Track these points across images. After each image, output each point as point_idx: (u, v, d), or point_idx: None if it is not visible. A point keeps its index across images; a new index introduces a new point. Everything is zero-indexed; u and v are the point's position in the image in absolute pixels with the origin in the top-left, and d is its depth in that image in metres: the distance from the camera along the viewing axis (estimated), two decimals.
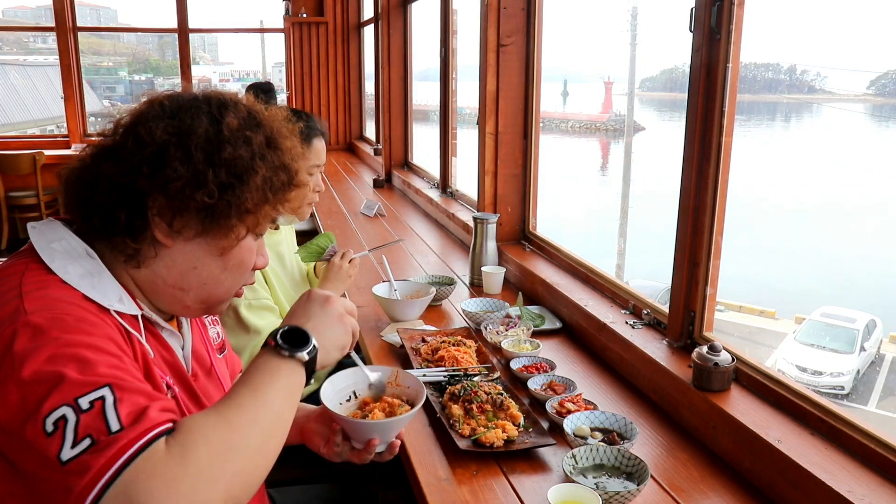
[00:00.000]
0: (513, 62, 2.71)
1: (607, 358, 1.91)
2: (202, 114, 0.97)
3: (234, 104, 1.01)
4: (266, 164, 0.99)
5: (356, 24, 7.08)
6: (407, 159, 5.12)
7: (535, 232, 2.78)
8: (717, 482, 1.36)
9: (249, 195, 0.97)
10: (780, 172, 19.05)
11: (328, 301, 1.05)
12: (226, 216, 0.97)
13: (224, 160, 0.95)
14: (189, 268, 1.00)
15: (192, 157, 0.94)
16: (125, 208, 0.94)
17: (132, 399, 0.80)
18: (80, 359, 0.81)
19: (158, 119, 0.95)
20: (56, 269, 0.92)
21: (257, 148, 0.98)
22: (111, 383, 0.80)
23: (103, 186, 0.95)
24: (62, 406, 0.77)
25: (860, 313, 10.93)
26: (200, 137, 0.95)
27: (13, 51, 20.90)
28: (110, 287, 0.95)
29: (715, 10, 1.55)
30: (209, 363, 1.16)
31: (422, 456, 1.43)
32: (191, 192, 0.94)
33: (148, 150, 0.93)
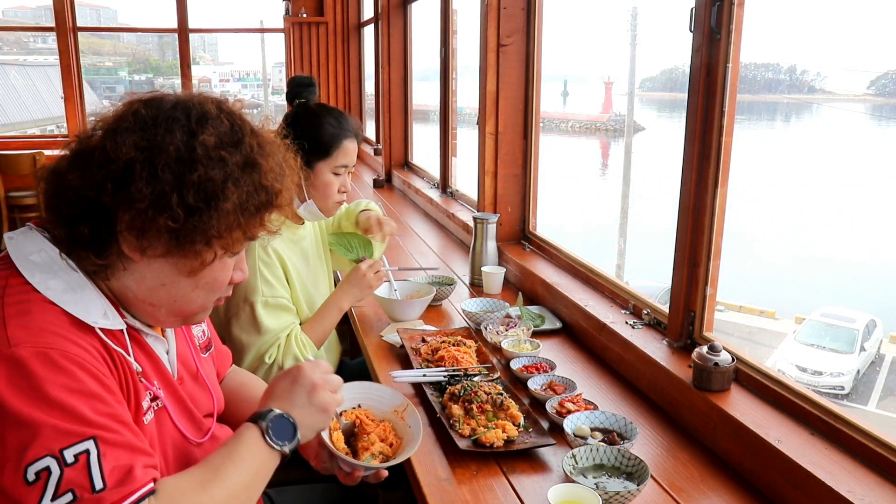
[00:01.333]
0: (513, 62, 2.71)
1: (607, 358, 1.91)
2: (178, 128, 0.91)
3: (216, 116, 0.95)
4: (239, 188, 0.94)
5: (356, 24, 7.08)
6: (407, 159, 5.12)
7: (535, 232, 2.77)
8: (717, 482, 1.36)
9: (217, 221, 0.92)
10: (779, 172, 19.04)
11: (315, 390, 1.05)
12: (191, 241, 0.92)
13: (193, 182, 0.90)
14: (158, 284, 0.97)
15: (159, 177, 0.89)
16: (89, 223, 0.91)
17: (116, 455, 0.80)
18: (65, 405, 0.80)
19: (129, 132, 0.90)
20: (37, 284, 0.89)
21: (232, 169, 0.93)
22: (96, 436, 0.79)
23: (69, 197, 0.91)
24: (46, 457, 0.76)
25: (860, 313, 10.92)
26: (171, 156, 0.90)
27: (13, 51, 20.91)
28: (93, 301, 0.93)
29: (715, 10, 1.55)
30: (194, 366, 1.16)
31: (422, 456, 1.43)
32: (153, 215, 0.89)
33: (113, 166, 0.89)
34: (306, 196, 1.95)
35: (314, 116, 1.96)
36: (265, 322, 1.84)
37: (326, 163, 1.94)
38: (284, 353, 1.86)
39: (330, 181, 1.95)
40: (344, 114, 2.02)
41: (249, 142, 0.96)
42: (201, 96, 0.98)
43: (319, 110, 1.98)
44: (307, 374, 1.06)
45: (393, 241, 3.30)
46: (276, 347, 1.85)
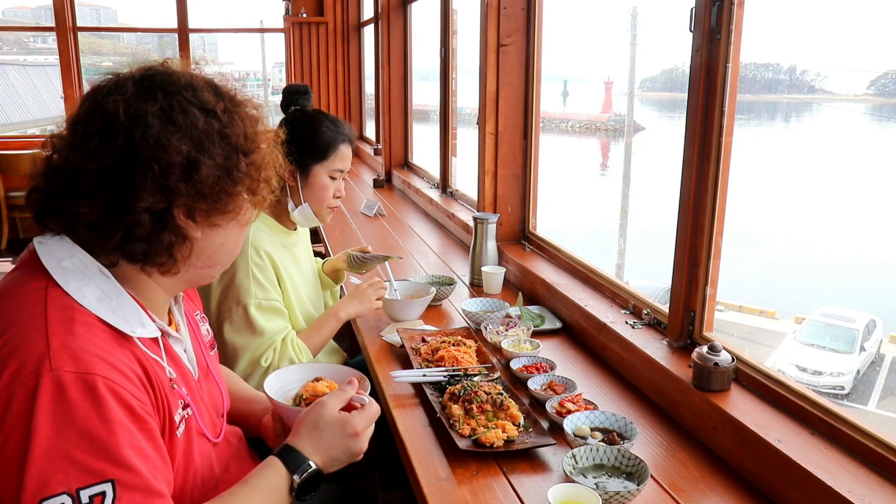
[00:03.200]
0: (513, 62, 2.71)
1: (607, 358, 1.91)
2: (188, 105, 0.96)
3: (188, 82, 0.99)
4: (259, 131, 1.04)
5: (356, 24, 7.08)
6: (407, 159, 5.12)
7: (535, 232, 2.77)
8: (717, 482, 1.36)
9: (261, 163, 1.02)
10: (779, 172, 19.05)
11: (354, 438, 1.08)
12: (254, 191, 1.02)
13: (237, 146, 0.98)
14: (218, 246, 1.03)
15: (216, 155, 0.96)
16: (167, 230, 0.95)
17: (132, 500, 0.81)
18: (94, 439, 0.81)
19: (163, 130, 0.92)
20: (72, 292, 0.90)
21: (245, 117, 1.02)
22: (115, 479, 0.80)
23: (143, 220, 0.92)
24: (63, 494, 0.77)
25: (860, 313, 10.93)
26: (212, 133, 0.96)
27: (13, 51, 20.92)
28: (129, 309, 0.94)
29: (715, 10, 1.55)
30: (205, 363, 1.17)
31: (422, 456, 1.43)
32: (230, 186, 0.97)
33: (178, 168, 0.92)
34: (302, 199, 1.96)
35: (311, 121, 1.99)
36: (260, 324, 1.83)
37: (323, 165, 1.96)
38: (280, 356, 1.85)
39: (326, 184, 1.97)
40: (340, 120, 2.05)
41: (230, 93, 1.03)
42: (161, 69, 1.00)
43: (317, 115, 2.02)
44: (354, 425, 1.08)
45: (392, 240, 3.30)
46: (272, 351, 1.84)
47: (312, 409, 1.09)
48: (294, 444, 1.05)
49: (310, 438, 1.06)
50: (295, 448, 1.04)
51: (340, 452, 1.07)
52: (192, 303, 1.25)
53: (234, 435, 1.23)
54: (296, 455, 1.03)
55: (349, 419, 1.08)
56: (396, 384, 1.74)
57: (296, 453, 1.04)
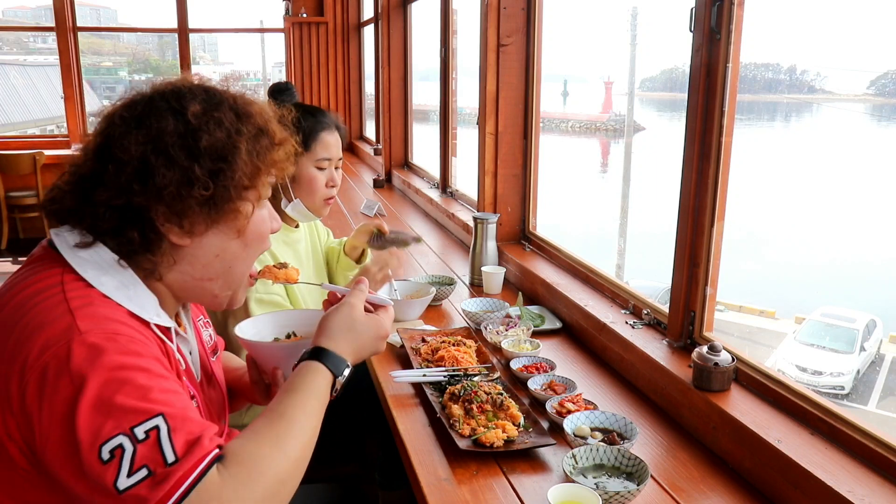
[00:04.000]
0: (513, 62, 2.71)
1: (607, 358, 1.91)
2: (164, 112, 0.95)
3: (188, 90, 0.99)
4: (244, 136, 0.99)
5: (356, 24, 7.08)
6: (407, 159, 5.12)
7: (535, 232, 2.78)
8: (717, 482, 1.36)
9: (241, 171, 0.98)
10: (779, 172, 19.05)
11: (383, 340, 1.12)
12: (227, 200, 0.98)
13: (204, 149, 0.95)
14: (212, 257, 1.02)
15: (173, 157, 0.93)
16: (134, 227, 0.95)
17: (185, 428, 0.83)
18: (135, 384, 0.82)
19: (126, 134, 0.94)
20: (91, 279, 0.91)
21: (230, 124, 0.98)
22: (164, 412, 0.82)
23: (103, 213, 0.94)
24: (119, 435, 0.79)
25: (860, 313, 10.93)
26: (173, 136, 0.94)
27: (13, 51, 20.91)
28: (146, 299, 0.96)
29: (715, 10, 1.55)
30: (209, 368, 1.18)
31: (422, 456, 1.44)
32: (187, 192, 0.94)
33: (129, 167, 0.93)
34: (292, 195, 1.95)
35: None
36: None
37: (307, 157, 1.94)
38: None
39: (313, 175, 1.95)
40: (321, 109, 2.02)
41: (229, 97, 1.02)
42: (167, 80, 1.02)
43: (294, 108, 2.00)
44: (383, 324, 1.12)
45: None
46: None
47: (341, 311, 1.09)
48: (330, 346, 1.05)
49: (346, 339, 1.07)
50: (332, 350, 1.04)
51: (368, 352, 1.11)
52: (196, 308, 1.25)
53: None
54: (334, 357, 1.03)
55: (381, 321, 1.12)
56: (396, 384, 1.74)
57: (333, 355, 1.03)
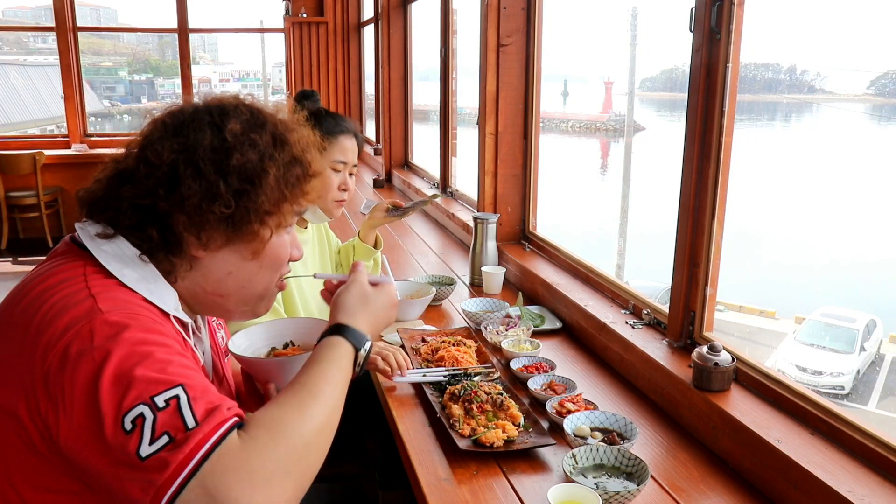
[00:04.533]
0: (513, 62, 2.71)
1: (607, 358, 1.91)
2: (205, 125, 0.97)
3: (234, 108, 1.01)
4: (276, 163, 0.99)
5: (356, 24, 7.08)
6: (407, 159, 5.12)
7: (535, 232, 2.78)
8: (717, 482, 1.36)
9: (265, 197, 0.98)
10: (780, 172, 19.04)
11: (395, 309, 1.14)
12: (247, 222, 0.98)
13: (234, 167, 0.96)
14: (224, 274, 1.02)
15: (202, 171, 0.95)
16: (154, 226, 0.96)
17: (205, 398, 0.83)
18: (155, 357, 0.84)
19: (163, 139, 0.96)
20: (114, 270, 0.93)
21: (265, 148, 0.99)
22: (183, 383, 0.83)
23: (126, 209, 0.96)
24: (140, 405, 0.80)
25: (860, 313, 10.92)
26: (206, 150, 0.96)
27: (13, 51, 20.91)
28: (167, 294, 0.97)
29: (715, 10, 1.55)
30: (221, 369, 1.18)
31: (422, 456, 1.44)
32: (208, 206, 0.95)
33: (159, 171, 0.95)
34: None
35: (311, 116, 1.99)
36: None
37: (323, 157, 1.95)
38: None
39: (328, 175, 1.97)
40: (343, 116, 2.06)
41: (272, 122, 1.03)
42: (217, 96, 1.04)
43: (317, 112, 2.04)
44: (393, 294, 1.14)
45: (393, 241, 3.30)
46: None
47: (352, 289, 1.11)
48: (348, 321, 1.05)
49: (363, 314, 1.08)
50: (351, 325, 1.05)
51: (383, 323, 1.12)
52: None
53: None
54: (354, 332, 1.04)
55: (389, 290, 1.14)
56: (396, 384, 1.74)
57: (354, 330, 1.04)
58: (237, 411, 0.85)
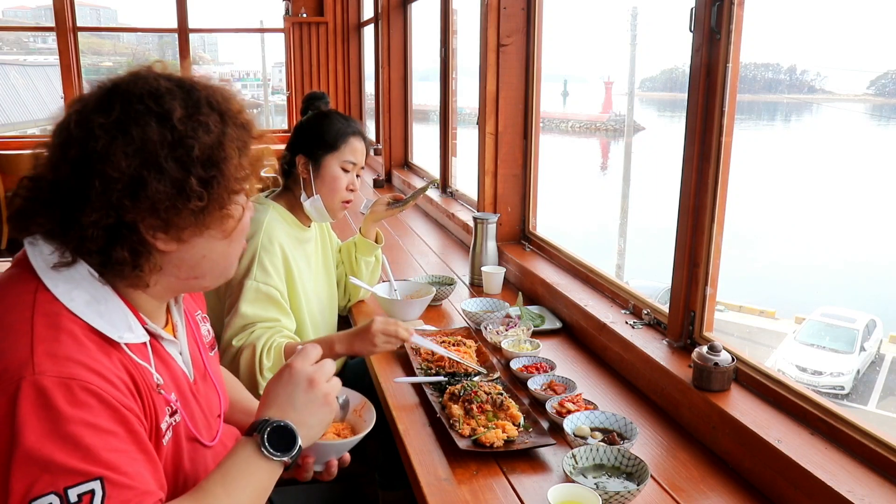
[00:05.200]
0: (513, 62, 2.71)
1: (607, 358, 1.91)
2: (146, 117, 0.90)
3: (164, 89, 0.93)
4: (230, 138, 0.95)
5: (356, 24, 7.08)
6: (407, 159, 5.12)
7: (535, 232, 2.78)
8: (717, 482, 1.36)
9: (232, 177, 0.95)
10: (779, 172, 19.05)
11: (312, 385, 1.03)
12: (219, 207, 0.95)
13: (196, 158, 0.91)
14: (199, 259, 0.99)
15: (166, 170, 0.89)
16: (124, 245, 0.91)
17: (122, 496, 0.80)
18: (79, 441, 0.80)
19: (109, 146, 0.88)
20: (60, 295, 0.89)
21: (215, 126, 0.94)
22: (104, 476, 0.79)
23: (92, 234, 0.89)
24: (50, 494, 0.76)
25: (860, 313, 10.93)
26: (162, 146, 0.89)
27: (13, 51, 20.92)
28: (118, 314, 0.93)
29: (715, 10, 1.55)
30: (203, 365, 1.16)
31: (422, 456, 1.44)
32: (182, 204, 0.91)
33: (119, 183, 0.88)
34: (314, 190, 1.97)
35: (324, 117, 2.06)
36: (245, 305, 1.77)
37: (334, 156, 1.99)
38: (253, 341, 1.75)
39: (338, 175, 1.99)
40: (352, 118, 2.09)
41: (206, 94, 0.97)
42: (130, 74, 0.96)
43: (330, 112, 2.10)
44: (299, 370, 1.04)
45: (393, 240, 3.30)
46: (248, 333, 1.77)
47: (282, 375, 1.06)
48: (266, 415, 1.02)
49: (266, 405, 1.03)
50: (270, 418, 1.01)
51: (303, 403, 1.03)
52: (195, 302, 1.24)
53: (232, 437, 1.22)
54: (255, 422, 1.01)
55: (300, 370, 1.05)
56: (396, 384, 1.74)
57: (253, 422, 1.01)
58: None
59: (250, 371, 1.73)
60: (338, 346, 1.80)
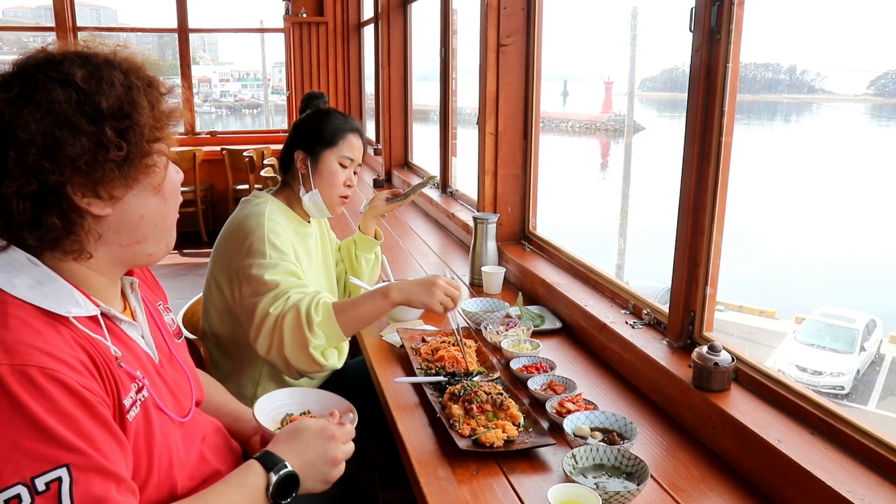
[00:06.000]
0: (513, 62, 2.71)
1: (607, 358, 1.91)
2: (48, 83, 0.90)
3: (62, 57, 0.94)
4: (138, 90, 0.96)
5: (356, 24, 7.09)
6: (407, 159, 5.12)
7: (535, 232, 2.78)
8: (717, 482, 1.36)
9: (147, 125, 0.95)
10: (779, 172, 19.05)
11: (331, 441, 1.12)
12: (143, 154, 0.95)
13: (106, 110, 0.92)
14: (138, 219, 1.00)
15: (77, 126, 0.90)
16: (53, 211, 0.91)
17: (90, 482, 0.80)
18: (42, 428, 0.80)
19: (17, 114, 0.88)
20: (2, 284, 0.89)
21: (120, 82, 0.95)
22: (69, 463, 0.79)
23: (17, 206, 0.89)
24: (17, 484, 0.76)
25: (860, 313, 10.92)
26: (70, 104, 0.90)
27: (13, 51, 20.87)
28: (62, 292, 0.93)
29: (715, 10, 1.55)
30: (168, 350, 1.16)
31: (422, 456, 1.44)
32: (103, 157, 0.91)
33: (34, 147, 0.88)
34: (312, 185, 1.98)
35: (322, 113, 2.07)
36: (271, 277, 1.72)
37: (332, 152, 2.00)
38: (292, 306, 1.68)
39: (336, 170, 2.00)
40: (350, 115, 2.11)
41: (104, 57, 0.97)
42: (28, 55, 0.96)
43: (328, 109, 2.11)
44: (328, 429, 1.12)
45: (393, 240, 3.30)
46: (284, 300, 1.70)
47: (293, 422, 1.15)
48: (273, 448, 1.09)
49: (288, 442, 1.10)
50: (272, 451, 1.08)
51: (316, 455, 1.10)
52: (154, 294, 1.24)
53: (211, 426, 1.22)
54: (273, 456, 1.06)
55: (327, 424, 1.14)
56: (396, 384, 1.74)
57: (273, 455, 1.07)
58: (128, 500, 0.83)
59: (298, 331, 1.66)
60: (394, 292, 1.76)
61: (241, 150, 6.71)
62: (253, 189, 6.37)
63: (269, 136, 7.70)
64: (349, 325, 1.72)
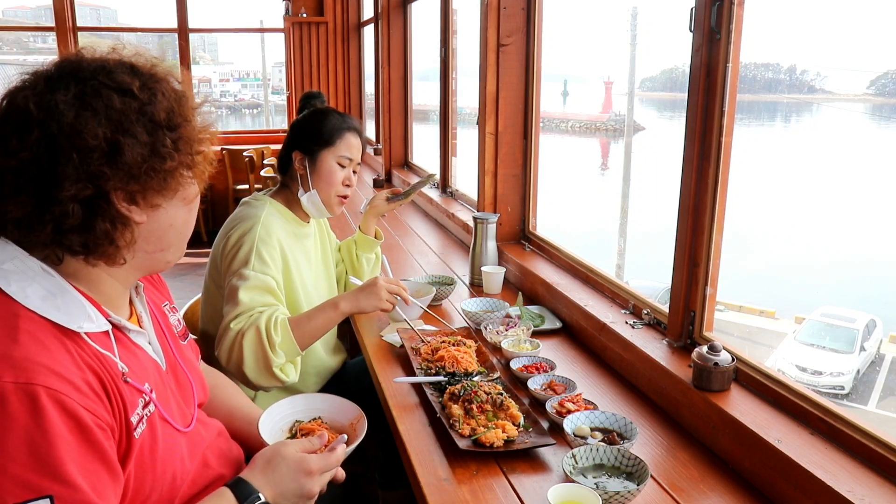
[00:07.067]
0: (513, 62, 2.71)
1: (607, 358, 1.91)
2: (104, 89, 0.92)
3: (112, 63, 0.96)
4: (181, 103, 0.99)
5: (356, 24, 7.09)
6: (407, 159, 5.12)
7: (535, 232, 2.78)
8: (717, 482, 1.36)
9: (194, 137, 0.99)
10: (779, 172, 19.04)
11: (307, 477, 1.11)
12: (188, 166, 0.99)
13: (161, 121, 0.95)
14: (167, 228, 1.02)
15: (137, 134, 0.92)
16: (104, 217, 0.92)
17: None
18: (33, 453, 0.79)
19: (78, 117, 0.89)
20: (14, 293, 0.89)
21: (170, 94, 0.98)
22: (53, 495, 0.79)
23: (72, 210, 0.89)
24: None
25: (860, 313, 10.92)
26: (128, 113, 0.92)
27: (13, 51, 20.94)
28: (74, 305, 0.93)
29: (715, 10, 1.55)
30: (172, 354, 1.16)
31: (422, 456, 1.44)
32: (159, 165, 0.94)
33: (98, 151, 0.89)
34: (311, 185, 1.98)
35: (320, 113, 2.07)
36: (241, 294, 1.74)
37: (330, 151, 1.99)
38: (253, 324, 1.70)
39: (334, 169, 2.00)
40: (349, 115, 2.10)
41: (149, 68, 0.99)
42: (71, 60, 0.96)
43: (326, 109, 2.10)
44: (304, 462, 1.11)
45: (393, 240, 3.30)
46: (246, 317, 1.72)
47: (272, 446, 1.13)
48: (246, 476, 1.08)
49: (262, 471, 1.09)
50: (246, 480, 1.07)
51: (290, 490, 1.10)
52: (160, 294, 1.24)
53: (214, 429, 1.22)
54: (245, 486, 1.06)
55: (305, 458, 1.12)
56: (396, 384, 1.74)
57: (246, 484, 1.06)
58: None
59: (260, 351, 1.69)
60: (343, 303, 1.84)
61: (241, 150, 6.72)
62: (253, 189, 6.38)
63: (268, 136, 7.70)
64: (304, 339, 1.78)
